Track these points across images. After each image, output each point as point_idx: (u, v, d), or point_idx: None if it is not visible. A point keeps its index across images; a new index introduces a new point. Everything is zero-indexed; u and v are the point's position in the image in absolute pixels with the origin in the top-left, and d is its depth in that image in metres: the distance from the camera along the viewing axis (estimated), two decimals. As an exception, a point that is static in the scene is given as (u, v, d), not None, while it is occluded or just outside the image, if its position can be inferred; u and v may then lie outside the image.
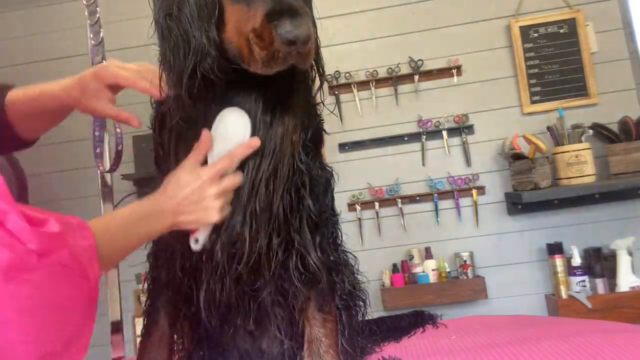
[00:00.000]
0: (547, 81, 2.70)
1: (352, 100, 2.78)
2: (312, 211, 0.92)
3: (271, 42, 0.75)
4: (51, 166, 2.83)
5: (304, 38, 0.75)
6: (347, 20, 2.81)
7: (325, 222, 0.97)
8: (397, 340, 1.29)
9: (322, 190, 0.97)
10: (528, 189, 2.48)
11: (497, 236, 2.68)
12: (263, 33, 0.76)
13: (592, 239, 2.57)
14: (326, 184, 0.99)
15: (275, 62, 0.77)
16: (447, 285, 2.55)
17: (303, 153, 0.91)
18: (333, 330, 0.97)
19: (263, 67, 0.79)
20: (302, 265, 0.92)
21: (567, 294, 2.41)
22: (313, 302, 0.96)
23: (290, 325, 1.00)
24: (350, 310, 1.02)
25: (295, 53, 0.76)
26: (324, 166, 1.00)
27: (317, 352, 0.94)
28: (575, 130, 2.49)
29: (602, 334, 1.08)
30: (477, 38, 2.75)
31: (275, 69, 0.79)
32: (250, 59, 0.79)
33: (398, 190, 2.71)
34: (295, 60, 0.78)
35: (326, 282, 0.96)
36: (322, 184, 0.97)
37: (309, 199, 0.91)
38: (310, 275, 0.92)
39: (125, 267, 1.84)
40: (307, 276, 0.92)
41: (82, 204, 2.77)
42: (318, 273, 0.93)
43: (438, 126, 2.73)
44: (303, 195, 0.91)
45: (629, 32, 2.67)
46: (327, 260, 0.96)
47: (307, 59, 0.80)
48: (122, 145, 1.48)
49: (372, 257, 2.68)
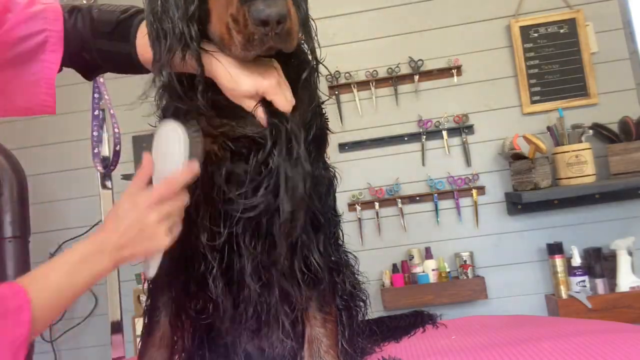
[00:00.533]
0: (547, 81, 2.70)
1: (352, 100, 2.78)
2: (318, 210, 0.91)
3: (246, 25, 0.73)
4: (51, 166, 2.83)
5: (276, 17, 0.71)
6: (347, 20, 2.81)
7: (328, 223, 0.97)
8: (397, 340, 1.29)
9: (324, 191, 0.96)
10: (528, 189, 2.48)
11: (497, 236, 2.68)
12: (238, 16, 0.74)
13: (592, 239, 2.56)
14: (329, 185, 0.98)
15: (252, 45, 0.75)
16: (447, 285, 2.55)
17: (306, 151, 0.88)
18: (333, 331, 0.97)
19: (242, 52, 0.76)
20: (305, 265, 0.92)
21: (567, 294, 2.41)
22: (314, 302, 0.96)
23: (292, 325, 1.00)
24: (351, 310, 1.02)
25: (272, 34, 0.73)
26: (327, 166, 0.99)
27: (318, 352, 0.94)
28: (575, 130, 2.49)
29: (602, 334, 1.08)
30: (477, 38, 2.75)
31: (253, 52, 0.77)
32: (230, 45, 0.77)
33: (398, 190, 2.71)
34: (274, 42, 0.75)
35: (327, 283, 0.96)
36: (325, 184, 0.97)
37: (315, 199, 0.90)
38: (312, 276, 0.92)
39: (125, 267, 1.84)
40: (310, 276, 0.92)
41: (82, 204, 2.78)
42: (320, 273, 0.93)
43: (438, 126, 2.73)
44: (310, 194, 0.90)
45: (629, 32, 2.67)
46: (328, 260, 0.96)
47: (287, 41, 0.76)
48: (120, 145, 1.49)
49: (372, 257, 2.67)
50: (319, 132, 0.94)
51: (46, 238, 2.76)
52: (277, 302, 0.95)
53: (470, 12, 2.77)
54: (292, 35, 0.76)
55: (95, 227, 2.70)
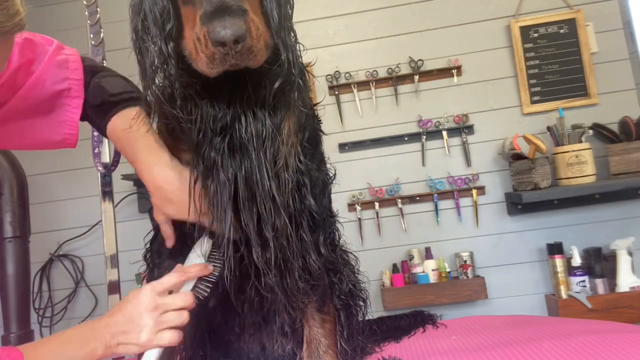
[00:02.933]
0: (547, 81, 2.70)
1: (352, 101, 2.78)
2: (314, 211, 0.92)
3: (207, 45, 0.74)
4: (51, 166, 2.83)
5: (232, 37, 0.71)
6: (347, 20, 2.81)
7: (324, 223, 0.97)
8: (397, 340, 1.29)
9: (319, 192, 0.97)
10: (528, 189, 2.48)
11: (497, 236, 2.68)
12: (200, 35, 0.75)
13: (592, 239, 2.57)
14: (323, 185, 0.99)
15: (214, 64, 0.75)
16: (447, 285, 2.54)
17: (302, 153, 0.90)
18: (332, 331, 0.97)
19: (208, 69, 0.77)
20: (303, 265, 0.92)
21: (567, 294, 2.41)
22: (312, 302, 0.96)
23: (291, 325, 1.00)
24: (350, 310, 1.02)
25: (233, 53, 0.74)
26: (321, 167, 1.00)
27: (317, 352, 0.94)
28: (575, 130, 2.49)
29: (602, 334, 1.08)
30: (477, 38, 2.75)
31: (217, 70, 0.77)
32: (197, 61, 0.78)
33: (398, 190, 2.71)
34: (236, 60, 0.75)
35: (325, 283, 0.96)
36: (320, 185, 0.97)
37: (310, 198, 0.91)
38: (309, 276, 0.93)
39: (125, 266, 1.84)
40: (307, 277, 0.92)
41: (82, 204, 2.78)
42: (317, 273, 0.93)
43: (438, 126, 2.73)
44: (305, 195, 0.91)
45: (629, 32, 2.67)
46: (325, 260, 0.97)
47: (250, 59, 0.76)
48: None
49: (372, 257, 2.67)
50: (312, 134, 0.95)
51: (46, 238, 2.76)
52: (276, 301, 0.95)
53: (470, 12, 2.77)
54: (255, 52, 0.76)
55: (95, 227, 2.71)
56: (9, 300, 1.68)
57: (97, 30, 1.54)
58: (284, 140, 0.88)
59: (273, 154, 0.86)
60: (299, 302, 0.95)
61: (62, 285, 2.79)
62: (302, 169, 0.90)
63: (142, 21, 0.83)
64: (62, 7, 2.90)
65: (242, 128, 0.85)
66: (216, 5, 0.72)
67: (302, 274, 0.92)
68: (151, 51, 0.82)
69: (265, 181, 0.85)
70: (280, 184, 0.86)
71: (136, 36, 0.84)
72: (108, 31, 1.64)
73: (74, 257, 2.78)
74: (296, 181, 0.89)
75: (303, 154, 0.90)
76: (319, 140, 1.00)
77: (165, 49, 0.81)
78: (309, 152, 0.94)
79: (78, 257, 2.78)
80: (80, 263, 2.78)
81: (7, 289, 1.69)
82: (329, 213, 1.01)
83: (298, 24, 0.89)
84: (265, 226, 0.86)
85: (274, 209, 0.86)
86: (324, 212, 0.98)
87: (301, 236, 0.91)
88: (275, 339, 1.03)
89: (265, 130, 0.85)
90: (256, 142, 0.85)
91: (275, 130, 0.86)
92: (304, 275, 0.92)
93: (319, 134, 1.00)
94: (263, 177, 0.85)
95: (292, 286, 0.92)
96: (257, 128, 0.85)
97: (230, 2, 0.72)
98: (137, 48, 0.85)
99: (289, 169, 0.87)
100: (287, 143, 0.88)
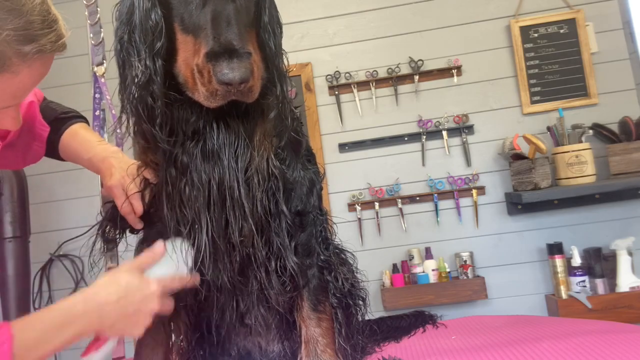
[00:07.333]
0: (547, 81, 2.70)
1: (352, 101, 2.78)
2: (287, 216, 0.93)
3: (210, 81, 0.77)
4: (51, 166, 2.82)
5: (239, 80, 0.76)
6: (347, 20, 2.81)
7: (313, 222, 0.98)
8: (397, 340, 1.30)
9: (305, 191, 0.97)
10: (528, 189, 2.48)
11: (497, 236, 2.68)
12: (203, 71, 0.78)
13: (592, 239, 2.56)
14: (310, 184, 0.99)
15: (214, 98, 0.79)
16: (447, 285, 2.54)
17: (276, 159, 0.91)
18: (329, 329, 0.97)
19: (205, 101, 0.80)
20: (281, 268, 0.93)
21: (567, 294, 2.41)
22: (307, 301, 0.96)
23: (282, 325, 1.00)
24: (349, 308, 1.02)
25: (234, 91, 0.78)
26: (307, 167, 1.00)
27: (315, 352, 0.94)
28: (575, 131, 2.49)
29: (601, 334, 1.08)
30: (477, 38, 2.75)
31: (216, 104, 0.80)
32: (194, 90, 0.81)
33: (398, 190, 2.71)
34: (236, 97, 0.80)
35: (318, 282, 0.96)
36: (306, 185, 0.98)
37: (282, 204, 0.92)
38: (287, 279, 0.93)
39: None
40: (285, 279, 0.93)
41: (82, 204, 2.78)
42: (296, 276, 0.93)
43: (438, 126, 2.73)
44: (278, 200, 0.92)
45: (629, 32, 2.67)
46: (317, 259, 0.97)
47: (248, 95, 0.81)
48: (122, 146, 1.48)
49: (372, 257, 2.67)
50: (291, 137, 0.96)
51: (46, 238, 2.76)
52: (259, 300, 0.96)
53: (470, 12, 2.77)
54: (254, 90, 0.82)
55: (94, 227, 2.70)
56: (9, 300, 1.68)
57: (97, 30, 1.54)
58: (255, 147, 0.89)
59: (245, 160, 0.88)
60: (273, 302, 0.96)
61: (62, 285, 2.78)
62: (276, 174, 0.91)
63: (129, 33, 0.83)
64: (62, 7, 2.89)
65: (214, 134, 0.87)
66: (224, 47, 0.76)
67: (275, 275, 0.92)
68: (135, 66, 0.82)
69: (235, 187, 0.87)
70: (250, 190, 0.88)
71: (121, 47, 0.85)
72: (108, 31, 1.64)
73: (74, 257, 2.78)
74: (269, 187, 0.90)
75: (279, 159, 0.92)
76: (300, 142, 1.01)
77: (152, 66, 0.82)
78: (288, 156, 0.95)
79: (78, 257, 2.78)
80: (80, 263, 2.78)
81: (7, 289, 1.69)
82: (318, 212, 1.01)
83: (298, 24, 0.90)
84: (233, 233, 0.88)
85: (242, 215, 0.87)
86: (313, 210, 0.98)
87: (272, 240, 0.92)
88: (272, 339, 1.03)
89: (237, 137, 0.88)
90: (228, 148, 0.87)
91: (246, 137, 0.88)
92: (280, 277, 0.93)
93: (300, 136, 1.01)
94: (233, 182, 0.87)
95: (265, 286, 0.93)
96: (229, 134, 0.88)
97: (237, 45, 0.76)
98: (120, 60, 0.86)
99: (259, 174, 0.89)
100: (260, 149, 0.90)
